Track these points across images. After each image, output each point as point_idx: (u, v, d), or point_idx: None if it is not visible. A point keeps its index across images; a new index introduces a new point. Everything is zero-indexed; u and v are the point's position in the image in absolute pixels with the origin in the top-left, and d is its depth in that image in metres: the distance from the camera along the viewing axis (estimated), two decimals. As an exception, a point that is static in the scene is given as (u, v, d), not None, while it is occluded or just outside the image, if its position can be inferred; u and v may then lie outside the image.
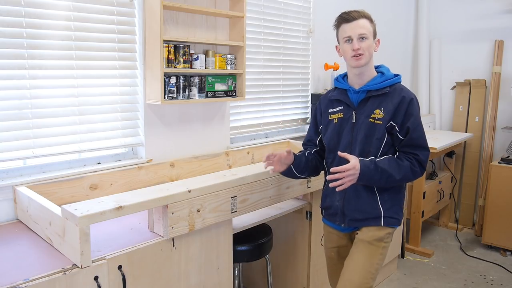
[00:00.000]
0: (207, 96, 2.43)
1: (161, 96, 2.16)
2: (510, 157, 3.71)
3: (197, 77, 2.36)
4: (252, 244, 2.20)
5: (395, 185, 1.83)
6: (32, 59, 1.90)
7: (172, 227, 1.71)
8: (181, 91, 2.31)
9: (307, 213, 2.53)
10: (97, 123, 2.15)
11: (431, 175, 4.05)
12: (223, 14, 2.47)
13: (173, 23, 2.33)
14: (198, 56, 2.34)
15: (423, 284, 3.20)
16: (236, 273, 2.38)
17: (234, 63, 2.54)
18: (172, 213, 1.69)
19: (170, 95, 2.25)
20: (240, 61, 2.54)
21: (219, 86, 2.48)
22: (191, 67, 2.33)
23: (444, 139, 3.85)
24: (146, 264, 1.66)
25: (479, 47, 4.34)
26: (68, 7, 1.98)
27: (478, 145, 4.36)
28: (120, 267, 1.56)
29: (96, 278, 1.48)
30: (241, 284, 2.48)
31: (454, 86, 4.54)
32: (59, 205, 1.57)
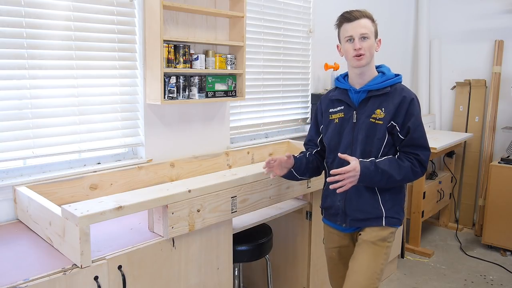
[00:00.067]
0: (207, 96, 2.43)
1: (161, 96, 2.16)
2: (510, 157, 3.71)
3: (197, 77, 2.36)
4: (252, 244, 2.20)
5: (396, 186, 1.83)
6: (32, 59, 1.90)
7: (172, 227, 1.70)
8: (181, 91, 2.31)
9: (307, 213, 2.53)
10: (97, 123, 2.15)
11: (431, 175, 4.05)
12: (223, 14, 2.47)
13: (173, 23, 2.33)
14: (198, 56, 2.34)
15: (423, 284, 3.20)
16: (236, 273, 2.38)
17: (234, 63, 2.54)
18: (172, 213, 1.69)
19: (170, 95, 2.25)
20: (240, 61, 2.54)
21: (219, 86, 2.48)
22: (191, 67, 2.33)
23: (444, 139, 3.85)
24: (146, 264, 1.66)
25: (479, 47, 4.34)
26: (68, 7, 1.98)
27: (478, 145, 4.36)
28: (120, 267, 1.56)
29: (96, 278, 1.48)
30: (241, 284, 2.48)
31: (454, 86, 4.54)
32: (59, 205, 1.57)
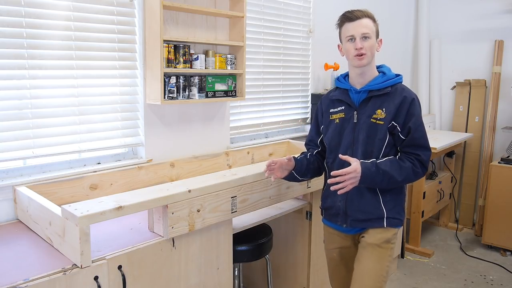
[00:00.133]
0: (207, 96, 2.43)
1: (161, 96, 2.16)
2: (510, 157, 3.71)
3: (197, 77, 2.36)
4: (252, 244, 2.20)
5: (397, 186, 1.82)
6: (32, 59, 1.90)
7: (172, 227, 1.70)
8: (181, 91, 2.31)
9: (307, 213, 2.53)
10: (97, 123, 2.15)
11: (431, 175, 4.05)
12: (223, 14, 2.47)
13: (173, 23, 2.33)
14: (198, 56, 2.34)
15: (423, 284, 3.20)
16: (236, 273, 2.38)
17: (234, 63, 2.54)
18: (172, 213, 1.69)
19: (170, 95, 2.25)
20: (240, 61, 2.54)
21: (219, 86, 2.48)
22: (191, 67, 2.33)
23: (444, 139, 3.85)
24: (146, 264, 1.65)
25: (479, 47, 4.34)
26: (68, 7, 1.98)
27: (478, 145, 4.36)
28: (120, 267, 1.56)
29: (96, 278, 1.48)
30: (241, 284, 2.48)
31: (454, 86, 4.54)
32: (59, 205, 1.57)
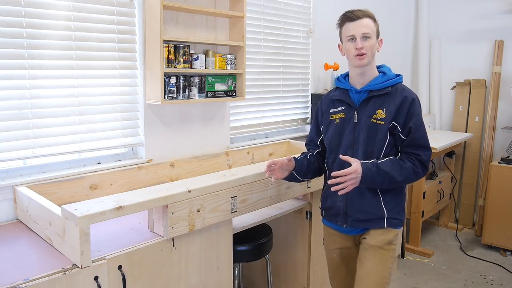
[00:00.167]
0: (207, 96, 2.43)
1: (161, 96, 2.16)
2: (510, 157, 3.71)
3: (197, 77, 2.36)
4: (252, 244, 2.20)
5: (398, 186, 1.82)
6: (32, 59, 1.90)
7: (172, 227, 1.70)
8: (181, 91, 2.31)
9: (307, 213, 2.53)
10: (97, 123, 2.15)
11: (431, 175, 4.05)
12: (223, 14, 2.47)
13: (173, 23, 2.33)
14: (198, 56, 2.34)
15: (423, 284, 3.20)
16: (236, 273, 2.38)
17: (234, 63, 2.54)
18: (172, 213, 1.69)
19: (170, 95, 2.25)
20: (240, 61, 2.54)
21: (219, 86, 2.48)
22: (191, 67, 2.33)
23: (444, 139, 3.84)
24: (146, 264, 1.65)
25: (479, 47, 4.34)
26: (68, 7, 1.98)
27: (478, 145, 4.36)
28: (120, 267, 1.56)
29: (96, 278, 1.48)
30: (241, 284, 2.48)
31: (454, 86, 4.54)
32: (59, 205, 1.57)
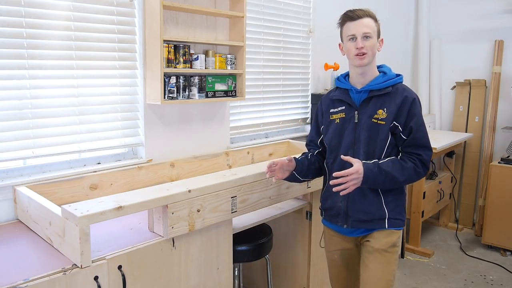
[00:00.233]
0: (207, 96, 2.43)
1: (161, 96, 2.16)
2: (510, 157, 3.71)
3: (197, 77, 2.36)
4: (252, 244, 2.20)
5: (399, 186, 1.82)
6: (32, 59, 1.90)
7: (172, 227, 1.70)
8: (181, 91, 2.31)
9: (307, 213, 2.53)
10: (97, 123, 2.15)
11: (431, 175, 4.05)
12: (223, 14, 2.47)
13: (173, 23, 2.33)
14: (198, 56, 2.34)
15: (423, 284, 3.20)
16: (236, 273, 2.38)
17: (234, 63, 2.54)
18: (172, 213, 1.69)
19: (170, 95, 2.25)
20: (240, 61, 2.54)
21: (219, 86, 2.48)
22: (191, 67, 2.33)
23: (444, 139, 3.85)
24: (146, 264, 1.65)
25: (479, 47, 4.34)
26: (68, 7, 1.98)
27: (478, 145, 4.36)
28: (120, 267, 1.56)
29: (96, 278, 1.48)
30: (241, 284, 2.48)
31: (454, 86, 4.54)
32: (59, 205, 1.57)
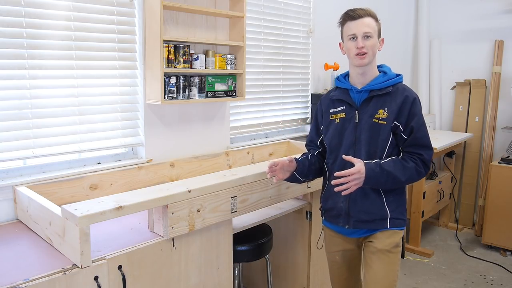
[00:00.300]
0: (207, 96, 2.43)
1: (161, 96, 2.16)
2: (510, 157, 3.71)
3: (197, 77, 2.36)
4: (252, 244, 2.20)
5: (400, 186, 1.82)
6: (32, 59, 1.90)
7: (172, 227, 1.70)
8: (181, 91, 2.31)
9: (307, 213, 2.53)
10: (97, 123, 2.15)
11: (431, 175, 4.05)
12: (223, 14, 2.47)
13: (173, 23, 2.33)
14: (198, 56, 2.34)
15: (423, 284, 3.20)
16: (236, 273, 2.38)
17: (234, 63, 2.54)
18: (172, 213, 1.69)
19: (170, 95, 2.25)
20: (240, 61, 2.54)
21: (219, 86, 2.48)
22: (191, 67, 2.33)
23: (444, 139, 3.85)
24: (146, 264, 1.66)
25: (479, 47, 4.34)
26: (68, 7, 1.98)
27: (478, 145, 4.36)
28: (120, 267, 1.56)
29: (96, 278, 1.48)
30: (241, 284, 2.48)
31: (454, 86, 4.54)
32: (59, 205, 1.57)
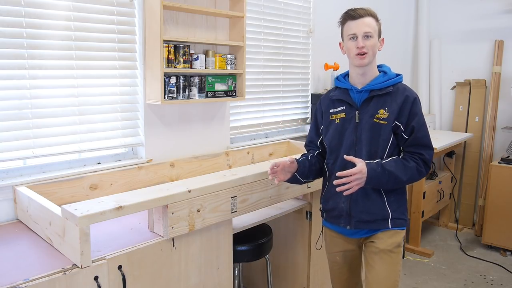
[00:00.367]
0: (207, 96, 2.43)
1: (161, 96, 2.16)
2: (510, 157, 3.71)
3: (197, 77, 2.36)
4: (252, 244, 2.20)
5: (402, 186, 1.82)
6: (32, 59, 1.90)
7: (172, 227, 1.70)
8: (181, 91, 2.31)
9: (307, 213, 2.53)
10: (97, 123, 2.15)
11: (431, 175, 4.05)
12: (223, 14, 2.47)
13: (173, 23, 2.33)
14: (198, 56, 2.34)
15: (423, 284, 3.20)
16: (236, 273, 2.38)
17: (234, 63, 2.54)
18: (172, 213, 1.69)
19: (170, 95, 2.25)
20: (240, 61, 2.54)
21: (219, 86, 2.48)
22: (191, 67, 2.33)
23: (444, 139, 3.85)
24: (146, 264, 1.65)
25: (479, 47, 4.34)
26: (68, 7, 1.98)
27: (478, 145, 4.36)
28: (120, 267, 1.56)
29: (96, 278, 1.48)
30: (241, 284, 2.48)
31: (454, 86, 4.54)
32: (59, 205, 1.57)
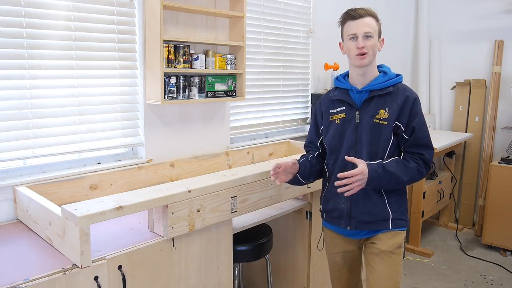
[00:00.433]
0: (207, 96, 2.43)
1: (161, 96, 2.16)
2: (510, 157, 3.71)
3: (197, 77, 2.36)
4: (252, 244, 2.20)
5: (402, 187, 1.82)
6: (32, 59, 1.90)
7: (172, 227, 1.70)
8: (181, 91, 2.31)
9: (307, 213, 2.53)
10: (97, 123, 2.15)
11: (431, 175, 4.05)
12: (223, 14, 2.47)
13: (173, 23, 2.33)
14: (198, 56, 2.34)
15: (423, 284, 3.20)
16: (236, 273, 2.38)
17: (234, 63, 2.54)
18: (172, 213, 1.69)
19: (170, 95, 2.25)
20: (240, 61, 2.54)
21: (219, 86, 2.48)
22: (191, 67, 2.33)
23: (444, 139, 3.85)
24: (146, 264, 1.66)
25: (479, 47, 4.34)
26: (68, 7, 1.98)
27: (478, 145, 4.36)
28: (120, 267, 1.56)
29: (96, 278, 1.48)
30: (241, 284, 2.48)
31: (454, 86, 4.54)
32: (59, 205, 1.57)
